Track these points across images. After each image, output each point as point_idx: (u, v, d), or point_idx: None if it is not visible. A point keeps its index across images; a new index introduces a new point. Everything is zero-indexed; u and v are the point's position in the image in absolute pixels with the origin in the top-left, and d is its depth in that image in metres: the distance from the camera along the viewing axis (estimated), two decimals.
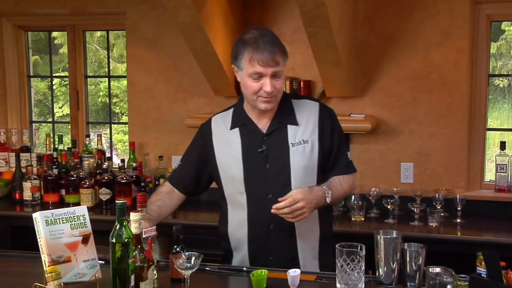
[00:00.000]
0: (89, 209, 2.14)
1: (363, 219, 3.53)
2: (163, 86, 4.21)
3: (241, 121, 2.39)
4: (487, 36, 3.70)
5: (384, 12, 3.74)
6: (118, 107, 6.39)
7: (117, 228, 1.84)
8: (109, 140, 4.77)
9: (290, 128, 2.34)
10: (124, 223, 1.85)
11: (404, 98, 3.76)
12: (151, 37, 4.18)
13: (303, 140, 2.33)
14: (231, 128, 2.40)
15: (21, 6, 4.38)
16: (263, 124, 2.36)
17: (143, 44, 4.20)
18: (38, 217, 1.94)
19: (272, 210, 2.18)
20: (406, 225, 3.39)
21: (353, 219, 3.52)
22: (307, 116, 2.37)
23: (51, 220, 1.95)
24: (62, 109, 6.66)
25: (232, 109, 2.46)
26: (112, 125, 4.80)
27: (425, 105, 3.73)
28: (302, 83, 3.78)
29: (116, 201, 1.87)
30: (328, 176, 2.40)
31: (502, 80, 5.65)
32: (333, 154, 2.39)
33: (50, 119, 4.94)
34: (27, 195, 3.94)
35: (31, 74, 4.76)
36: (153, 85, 4.23)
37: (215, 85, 3.92)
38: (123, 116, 5.59)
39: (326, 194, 2.28)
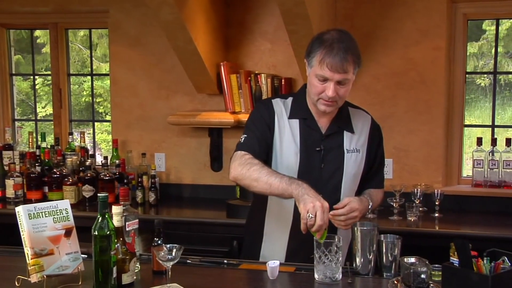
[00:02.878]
0: (72, 206, 2.16)
1: None
2: (146, 83, 4.23)
3: (302, 113, 2.36)
4: (463, 35, 3.78)
5: (364, 10, 3.80)
6: (102, 107, 6.39)
7: (99, 220, 1.88)
8: (92, 140, 4.78)
9: (346, 135, 2.37)
10: (106, 216, 1.89)
11: (384, 95, 3.82)
12: (134, 35, 4.20)
13: (356, 148, 2.37)
14: (290, 117, 2.36)
15: (3, 4, 4.37)
16: (322, 124, 2.36)
17: (126, 42, 4.22)
18: (21, 210, 1.96)
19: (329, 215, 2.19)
20: (385, 220, 3.45)
21: None
22: (362, 127, 2.42)
23: (33, 213, 1.98)
24: (45, 109, 6.65)
25: (291, 98, 2.42)
26: (96, 125, 4.81)
27: (404, 102, 3.80)
28: (283, 80, 3.82)
29: (98, 194, 1.91)
30: (364, 187, 2.46)
31: (483, 80, 5.73)
32: (374, 168, 2.47)
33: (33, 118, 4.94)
34: (9, 192, 3.95)
35: (13, 72, 4.75)
36: (136, 83, 4.25)
37: (197, 83, 3.95)
38: (107, 116, 5.60)
39: (370, 206, 2.34)
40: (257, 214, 2.46)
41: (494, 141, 3.74)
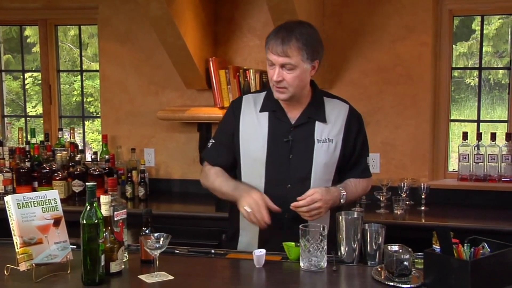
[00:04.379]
0: (62, 200, 2.20)
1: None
2: (136, 79, 4.25)
3: (272, 106, 2.41)
4: (449, 31, 3.82)
5: (351, 6, 3.84)
6: (92, 106, 6.41)
7: (88, 209, 1.91)
8: (82, 138, 4.80)
9: (318, 125, 2.40)
10: (95, 205, 1.92)
11: (371, 90, 3.86)
12: (123, 31, 4.22)
13: (328, 138, 2.39)
14: (261, 111, 2.42)
15: None
16: (292, 115, 2.40)
17: (115, 38, 4.24)
18: (9, 200, 1.99)
19: (291, 207, 2.25)
20: (372, 213, 3.49)
21: None
22: (336, 116, 2.43)
23: (22, 203, 2.01)
24: (35, 108, 6.65)
25: (265, 92, 2.48)
26: (87, 125, 4.82)
27: (391, 97, 3.84)
28: None
29: (87, 184, 1.94)
30: (345, 177, 2.48)
31: (473, 79, 5.79)
32: (354, 158, 2.48)
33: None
34: None
35: (3, 68, 4.76)
36: (126, 79, 4.27)
37: (186, 78, 3.97)
38: (98, 115, 5.62)
39: (342, 196, 2.37)
40: (234, 211, 2.50)
41: (479, 136, 3.79)
